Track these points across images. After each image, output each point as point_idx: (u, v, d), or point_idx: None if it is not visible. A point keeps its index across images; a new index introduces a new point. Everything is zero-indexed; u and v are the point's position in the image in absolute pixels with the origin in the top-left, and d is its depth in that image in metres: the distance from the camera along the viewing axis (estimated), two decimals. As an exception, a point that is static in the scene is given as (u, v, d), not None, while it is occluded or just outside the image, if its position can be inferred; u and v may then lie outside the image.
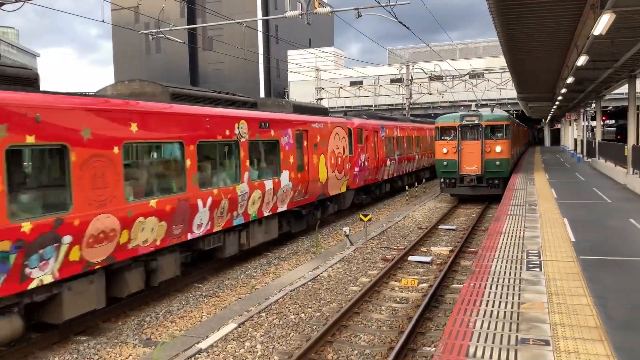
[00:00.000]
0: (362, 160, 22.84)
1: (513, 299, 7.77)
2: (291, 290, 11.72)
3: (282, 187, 15.44)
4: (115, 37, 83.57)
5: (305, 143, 17.20)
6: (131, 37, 69.71)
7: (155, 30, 19.80)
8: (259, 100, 16.41)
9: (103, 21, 17.82)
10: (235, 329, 9.53)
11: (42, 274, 8.29)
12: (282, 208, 15.69)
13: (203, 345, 8.80)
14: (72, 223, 8.70)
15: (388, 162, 26.83)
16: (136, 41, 77.73)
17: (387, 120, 28.52)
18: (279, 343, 9.00)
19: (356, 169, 22.10)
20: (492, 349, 6.05)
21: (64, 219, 8.56)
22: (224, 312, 10.64)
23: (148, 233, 10.31)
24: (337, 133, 19.79)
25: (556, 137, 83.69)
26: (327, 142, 18.76)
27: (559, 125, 77.97)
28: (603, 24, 11.76)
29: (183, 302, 11.50)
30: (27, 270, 8.05)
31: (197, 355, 8.46)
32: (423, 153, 34.80)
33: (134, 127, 10.06)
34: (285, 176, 15.64)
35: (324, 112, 20.10)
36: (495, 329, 6.64)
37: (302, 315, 10.34)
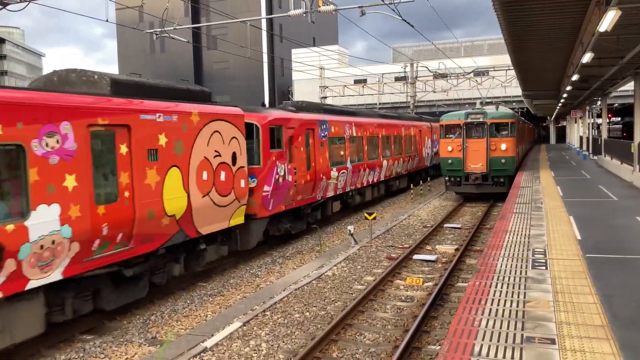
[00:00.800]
0: (282, 173, 15.78)
1: (518, 297, 7.75)
2: (296, 289, 11.72)
3: (35, 240, 8.08)
4: (120, 36, 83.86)
5: (122, 149, 9.86)
6: (135, 36, 69.87)
7: (160, 29, 19.84)
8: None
9: (107, 20, 17.83)
10: (240, 327, 9.54)
11: None
12: (48, 278, 8.40)
13: (208, 343, 8.81)
14: None
15: (334, 173, 19.73)
16: (140, 40, 77.93)
17: (335, 114, 21.36)
18: (283, 341, 9.00)
19: (267, 188, 15.10)
20: (497, 347, 6.03)
21: None
22: (229, 310, 10.65)
23: None
24: (216, 131, 12.56)
25: (561, 135, 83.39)
26: (188, 145, 11.52)
27: (564, 123, 77.73)
28: (608, 20, 11.70)
29: (188, 301, 11.52)
30: None
31: (202, 354, 8.47)
32: (397, 158, 27.80)
33: None
34: (46, 215, 8.28)
35: (196, 96, 12.82)
36: (501, 327, 6.62)
37: (307, 314, 10.34)
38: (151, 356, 8.53)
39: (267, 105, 65.45)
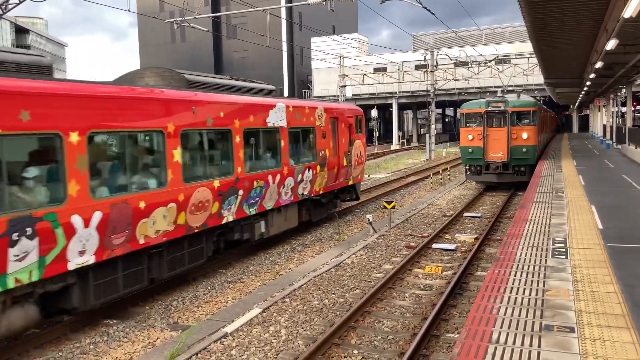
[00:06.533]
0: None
1: (538, 286, 7.72)
2: (315, 277, 11.82)
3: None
4: (141, 25, 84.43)
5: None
6: (156, 25, 70.23)
7: (180, 18, 19.96)
8: None
9: (129, 10, 17.99)
10: (260, 313, 9.67)
11: None
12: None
13: (229, 329, 8.96)
14: None
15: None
16: (161, 29, 78.39)
17: None
18: (303, 328, 9.11)
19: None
20: (515, 335, 6.04)
21: None
22: (249, 297, 10.79)
23: None
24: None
25: (584, 124, 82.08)
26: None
27: (587, 112, 76.42)
28: (634, 6, 11.46)
29: (209, 287, 11.69)
30: None
31: (223, 339, 8.62)
32: None
33: None
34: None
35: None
36: (519, 315, 6.62)
37: (326, 301, 10.43)
38: (173, 341, 8.70)
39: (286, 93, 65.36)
